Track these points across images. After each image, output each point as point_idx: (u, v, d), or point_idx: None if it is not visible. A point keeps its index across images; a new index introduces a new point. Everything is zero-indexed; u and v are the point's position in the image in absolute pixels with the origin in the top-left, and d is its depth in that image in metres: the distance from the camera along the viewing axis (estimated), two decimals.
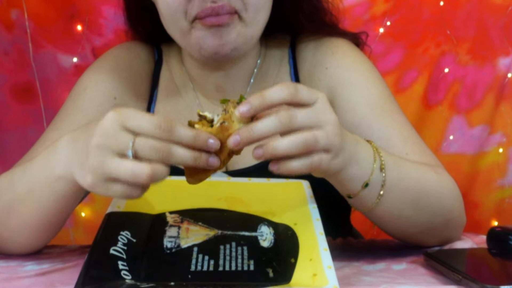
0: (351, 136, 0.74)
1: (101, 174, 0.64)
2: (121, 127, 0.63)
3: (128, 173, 0.62)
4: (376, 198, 0.78)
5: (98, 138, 0.64)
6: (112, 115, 0.64)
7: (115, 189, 0.64)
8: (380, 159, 0.76)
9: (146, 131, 0.63)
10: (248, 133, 0.64)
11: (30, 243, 0.85)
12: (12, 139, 1.44)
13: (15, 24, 1.43)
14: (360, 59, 1.00)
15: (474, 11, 1.55)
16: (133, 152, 0.63)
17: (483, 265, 0.81)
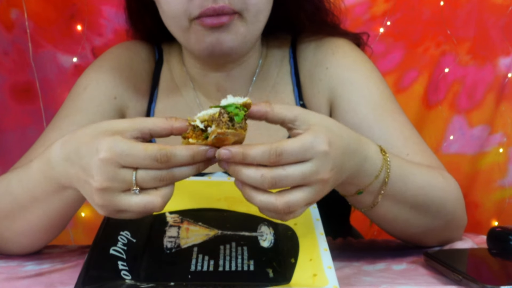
0: (358, 157, 0.71)
1: (112, 209, 0.64)
2: (118, 166, 0.62)
3: (141, 207, 0.63)
4: (373, 203, 0.78)
5: (99, 183, 0.62)
6: (105, 155, 0.62)
7: (130, 216, 0.65)
8: (387, 172, 0.75)
9: (144, 166, 0.63)
10: (233, 172, 0.64)
11: (32, 244, 0.85)
12: (12, 139, 1.44)
13: (15, 24, 1.43)
14: (361, 59, 1.00)
15: (475, 11, 1.55)
16: (138, 187, 0.63)
17: (483, 265, 0.81)
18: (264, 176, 0.62)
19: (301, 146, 0.63)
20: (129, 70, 1.01)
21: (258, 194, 0.64)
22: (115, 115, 0.98)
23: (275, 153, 0.62)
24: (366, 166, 0.72)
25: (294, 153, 0.62)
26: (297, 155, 0.62)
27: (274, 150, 0.62)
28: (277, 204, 0.63)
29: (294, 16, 1.01)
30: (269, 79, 1.01)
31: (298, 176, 0.63)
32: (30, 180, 0.75)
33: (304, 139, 0.63)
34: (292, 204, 0.63)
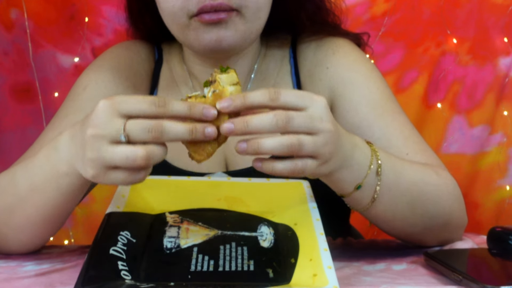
0: (349, 140, 0.73)
1: (100, 164, 0.64)
2: (114, 114, 0.63)
3: (123, 158, 0.63)
4: (370, 200, 0.78)
5: (92, 128, 0.64)
6: (103, 102, 0.64)
7: (117, 177, 0.65)
8: (378, 163, 0.76)
9: (139, 111, 0.63)
10: (242, 125, 0.64)
11: (31, 241, 0.85)
12: (11, 139, 1.44)
13: (14, 23, 1.43)
14: (361, 59, 1.00)
15: (475, 11, 1.55)
16: (126, 136, 0.63)
17: (483, 265, 0.81)
18: (277, 114, 0.64)
19: (298, 92, 0.68)
20: (129, 70, 1.01)
21: (268, 139, 0.65)
22: None
23: (273, 91, 0.65)
24: (357, 154, 0.74)
25: (291, 94, 0.66)
26: (294, 96, 0.66)
27: (273, 89, 0.65)
28: (291, 138, 0.64)
29: (295, 16, 1.01)
30: (269, 79, 1.01)
31: (307, 116, 0.65)
32: (33, 167, 0.77)
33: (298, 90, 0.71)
34: (303, 140, 0.65)
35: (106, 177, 0.65)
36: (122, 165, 0.64)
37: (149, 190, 0.82)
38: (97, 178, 0.66)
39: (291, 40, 1.04)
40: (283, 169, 0.67)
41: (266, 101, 0.65)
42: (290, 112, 0.65)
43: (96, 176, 0.65)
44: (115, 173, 0.65)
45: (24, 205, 0.79)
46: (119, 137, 0.63)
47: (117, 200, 0.78)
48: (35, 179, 0.76)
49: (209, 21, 0.86)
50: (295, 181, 0.84)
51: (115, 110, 0.63)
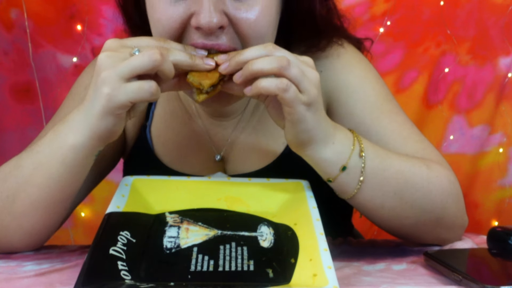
0: (329, 122, 0.78)
1: (115, 77, 0.69)
2: (123, 43, 0.72)
3: (140, 59, 0.69)
4: (357, 185, 0.79)
5: (105, 52, 0.71)
6: (111, 39, 0.73)
7: (132, 88, 0.70)
8: (360, 145, 0.78)
9: (144, 43, 0.72)
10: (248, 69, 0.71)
11: (34, 229, 0.83)
12: (11, 138, 1.44)
13: (14, 23, 1.43)
14: (355, 60, 0.98)
15: (475, 10, 1.55)
16: (138, 50, 0.71)
17: (483, 265, 0.81)
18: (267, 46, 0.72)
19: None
20: None
21: (261, 58, 0.71)
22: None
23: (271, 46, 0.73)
24: (338, 133, 0.78)
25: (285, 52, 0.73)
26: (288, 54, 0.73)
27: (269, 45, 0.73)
28: (281, 58, 0.70)
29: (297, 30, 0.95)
30: None
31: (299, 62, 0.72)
32: (39, 145, 0.79)
33: None
34: (291, 61, 0.71)
35: (121, 90, 0.69)
36: (138, 68, 0.69)
37: (149, 190, 0.82)
38: (112, 95, 0.70)
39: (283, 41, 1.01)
40: (269, 85, 0.70)
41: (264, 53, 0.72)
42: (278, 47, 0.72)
43: (111, 92, 0.70)
44: (130, 84, 0.69)
45: (27, 187, 0.79)
46: (133, 51, 0.71)
47: (117, 200, 0.78)
48: (40, 156, 0.78)
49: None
50: (295, 181, 0.84)
51: (123, 42, 0.72)
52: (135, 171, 0.86)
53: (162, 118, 1.00)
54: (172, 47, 0.73)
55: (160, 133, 0.99)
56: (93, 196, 1.44)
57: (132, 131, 1.00)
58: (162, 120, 1.00)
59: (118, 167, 1.05)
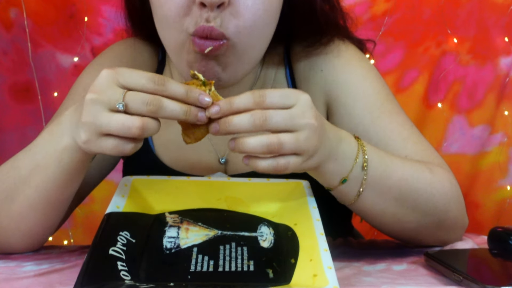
0: (334, 134, 0.75)
1: (94, 129, 0.67)
2: (114, 83, 0.66)
3: (119, 125, 0.65)
4: (356, 194, 0.78)
5: (92, 93, 0.66)
6: (106, 71, 0.67)
7: (107, 143, 0.67)
8: (364, 157, 0.76)
9: (139, 85, 0.66)
10: (225, 126, 0.68)
11: (32, 231, 0.83)
12: (11, 139, 1.44)
13: (14, 23, 1.43)
14: (356, 59, 0.97)
15: (475, 10, 1.55)
16: (124, 105, 0.65)
17: (484, 265, 0.81)
18: (253, 114, 0.66)
19: (283, 91, 0.68)
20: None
21: (251, 138, 0.67)
22: None
23: (258, 94, 0.67)
24: (342, 146, 0.75)
25: (277, 95, 0.67)
26: (280, 97, 0.67)
27: (257, 92, 0.67)
28: (271, 138, 0.67)
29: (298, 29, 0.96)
30: (267, 84, 0.99)
31: (286, 114, 0.67)
32: (35, 146, 0.78)
33: (285, 89, 0.69)
34: (283, 139, 0.67)
35: (97, 143, 0.67)
36: (116, 132, 0.66)
37: (149, 190, 0.82)
38: (88, 144, 0.68)
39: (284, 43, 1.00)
40: (265, 167, 0.69)
41: (251, 105, 0.67)
42: (267, 111, 0.67)
43: (87, 141, 0.68)
44: (107, 140, 0.67)
45: (25, 188, 0.78)
46: (117, 105, 0.65)
47: (116, 200, 0.78)
48: (37, 157, 0.77)
49: (199, 49, 0.80)
50: (295, 181, 0.84)
51: (116, 79, 0.66)
52: (135, 171, 0.86)
53: None
54: (168, 91, 0.67)
55: (160, 133, 0.99)
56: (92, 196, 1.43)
57: None
58: (163, 120, 0.99)
59: (118, 167, 1.05)
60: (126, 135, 0.66)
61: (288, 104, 0.67)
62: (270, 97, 0.67)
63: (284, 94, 0.68)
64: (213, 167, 0.96)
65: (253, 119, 0.66)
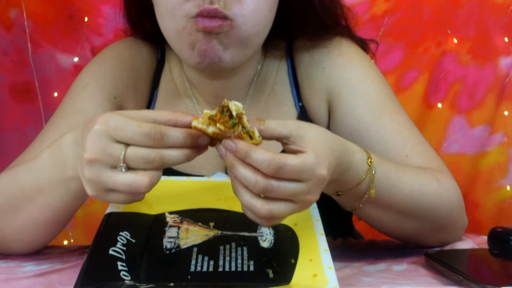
0: (341, 166, 0.71)
1: (99, 187, 0.65)
2: (110, 139, 0.64)
3: (127, 186, 0.63)
4: (353, 206, 0.79)
5: (89, 153, 0.64)
6: (98, 128, 0.64)
7: (118, 198, 0.66)
8: (370, 178, 0.75)
9: (135, 142, 0.63)
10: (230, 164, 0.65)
11: (33, 241, 0.85)
12: (11, 139, 1.43)
13: (14, 23, 1.42)
14: (358, 57, 0.98)
15: (475, 10, 1.55)
16: (126, 165, 0.63)
17: (484, 265, 0.81)
18: (258, 181, 0.63)
19: (302, 165, 0.63)
20: (130, 69, 0.99)
21: (246, 193, 0.65)
22: None
23: (275, 165, 0.62)
24: (347, 175, 0.73)
25: (294, 170, 0.63)
26: (295, 173, 0.63)
27: (276, 162, 0.62)
28: (261, 209, 0.64)
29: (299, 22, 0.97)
30: (268, 80, 1.00)
31: (289, 192, 0.64)
32: (38, 168, 0.76)
33: (306, 159, 0.64)
34: (274, 213, 0.64)
35: (107, 197, 0.66)
36: (123, 191, 0.64)
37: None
38: (98, 198, 0.66)
39: (286, 39, 1.01)
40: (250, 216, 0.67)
41: (265, 170, 0.62)
42: (271, 184, 0.63)
43: (97, 196, 0.66)
44: (116, 194, 0.65)
45: (30, 206, 0.78)
46: (118, 167, 0.63)
47: None
48: (41, 182, 0.75)
49: (203, 28, 0.82)
50: None
51: (110, 136, 0.63)
52: None
53: None
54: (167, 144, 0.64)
55: None
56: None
57: None
58: None
59: None
60: (134, 193, 0.65)
61: (300, 179, 0.64)
62: (287, 170, 0.63)
63: (301, 170, 0.63)
64: (213, 163, 0.96)
65: (254, 185, 0.63)
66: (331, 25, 0.97)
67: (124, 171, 0.63)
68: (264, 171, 0.62)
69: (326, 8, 0.96)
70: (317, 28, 0.97)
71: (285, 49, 1.01)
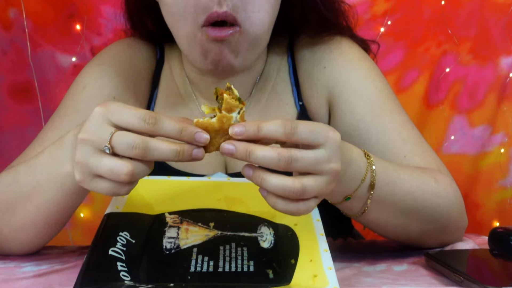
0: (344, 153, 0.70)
1: (86, 170, 0.64)
2: (106, 121, 0.63)
3: (108, 171, 0.63)
4: (360, 211, 0.78)
5: (83, 133, 0.64)
6: (98, 109, 0.64)
7: (101, 186, 0.64)
8: (371, 178, 0.75)
9: (129, 124, 0.63)
10: (244, 154, 0.62)
11: (32, 241, 0.84)
12: (10, 139, 1.43)
13: (13, 23, 1.42)
14: (359, 57, 0.98)
15: (476, 10, 1.55)
16: (110, 148, 0.62)
17: (484, 266, 0.80)
18: (280, 154, 0.61)
19: (314, 127, 0.63)
20: (129, 68, 0.99)
21: (273, 177, 0.63)
22: None
23: (290, 126, 0.61)
24: (351, 169, 0.72)
25: (308, 130, 0.62)
26: (310, 133, 0.62)
27: (289, 123, 0.62)
28: (295, 184, 0.62)
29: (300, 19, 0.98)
30: (270, 79, 1.00)
31: (312, 159, 0.62)
32: (37, 164, 0.76)
33: (316, 123, 0.64)
34: (307, 186, 0.63)
35: (91, 184, 0.65)
36: (106, 176, 0.63)
37: (148, 190, 0.82)
38: (83, 183, 0.65)
39: (288, 37, 1.02)
40: (284, 210, 0.65)
41: (280, 136, 0.62)
42: (294, 153, 0.62)
43: (81, 181, 0.65)
44: (100, 181, 0.64)
45: (26, 204, 0.78)
46: (103, 147, 0.62)
47: (116, 201, 0.78)
48: (39, 177, 0.75)
49: (214, 38, 0.84)
50: None
51: (107, 118, 0.63)
52: None
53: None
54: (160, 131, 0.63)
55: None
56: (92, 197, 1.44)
57: None
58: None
59: None
60: (115, 180, 0.63)
61: (317, 142, 0.63)
62: (300, 131, 0.62)
63: (314, 130, 0.63)
64: (213, 163, 0.96)
65: (279, 159, 0.61)
66: (332, 22, 0.97)
67: (109, 154, 0.62)
68: (281, 135, 0.61)
69: (327, 3, 0.96)
70: (318, 25, 0.97)
71: (286, 46, 1.01)
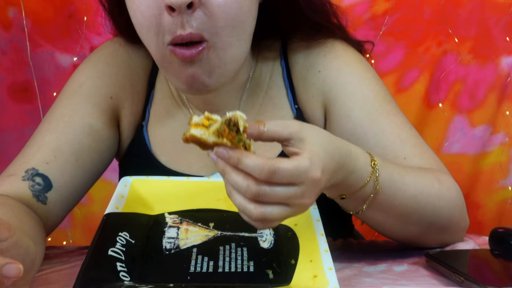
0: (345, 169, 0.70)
1: None
2: None
3: None
4: (356, 210, 0.78)
5: None
6: None
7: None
8: (373, 186, 0.74)
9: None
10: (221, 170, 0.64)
11: None
12: (10, 139, 1.43)
13: (12, 22, 1.42)
14: (354, 60, 0.96)
15: (476, 10, 1.55)
16: None
17: (485, 266, 0.80)
18: (249, 187, 0.62)
19: (295, 169, 0.62)
20: (126, 67, 0.98)
21: (239, 196, 0.64)
22: (111, 115, 0.96)
23: (268, 170, 0.61)
24: (351, 178, 0.72)
25: (287, 175, 0.62)
26: (289, 178, 0.62)
27: (268, 167, 0.61)
28: (254, 213, 0.63)
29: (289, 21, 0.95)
30: (262, 84, 0.98)
31: (283, 197, 0.63)
32: None
33: (300, 162, 0.62)
34: (267, 216, 0.63)
35: None
36: None
37: (148, 190, 0.82)
38: None
39: (281, 40, 0.99)
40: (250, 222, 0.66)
41: (258, 176, 0.61)
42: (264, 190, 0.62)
43: None
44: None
45: None
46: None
47: (116, 201, 0.78)
48: None
49: (182, 58, 0.80)
50: None
51: None
52: (132, 171, 0.85)
53: (158, 117, 0.98)
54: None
55: (156, 132, 0.98)
56: (91, 197, 1.43)
57: (128, 130, 0.99)
58: (158, 119, 0.99)
59: (116, 167, 1.04)
60: None
61: (295, 183, 0.63)
62: (280, 175, 0.61)
63: (294, 174, 0.62)
64: (210, 164, 0.95)
65: (245, 190, 0.62)
66: (322, 24, 0.96)
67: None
68: (257, 176, 0.61)
69: (313, 5, 0.93)
70: (307, 27, 0.95)
71: (279, 50, 0.99)
